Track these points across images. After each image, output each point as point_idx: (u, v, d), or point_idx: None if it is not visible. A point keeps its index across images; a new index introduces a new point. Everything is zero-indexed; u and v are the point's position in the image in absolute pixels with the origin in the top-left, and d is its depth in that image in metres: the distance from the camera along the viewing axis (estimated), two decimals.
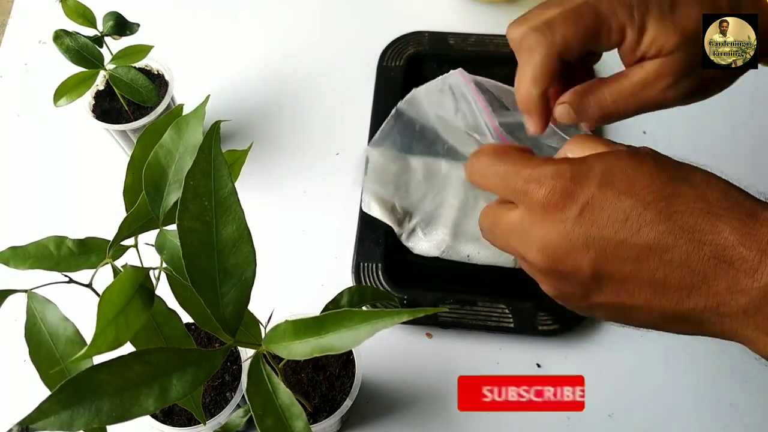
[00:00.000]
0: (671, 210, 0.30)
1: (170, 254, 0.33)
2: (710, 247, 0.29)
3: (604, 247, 0.30)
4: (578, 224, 0.31)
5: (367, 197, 0.63)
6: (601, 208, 0.31)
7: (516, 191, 0.33)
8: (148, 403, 0.27)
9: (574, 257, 0.31)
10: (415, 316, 0.27)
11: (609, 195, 0.31)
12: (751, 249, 0.28)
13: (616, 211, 0.30)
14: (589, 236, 0.31)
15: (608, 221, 0.30)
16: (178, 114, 0.34)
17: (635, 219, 0.30)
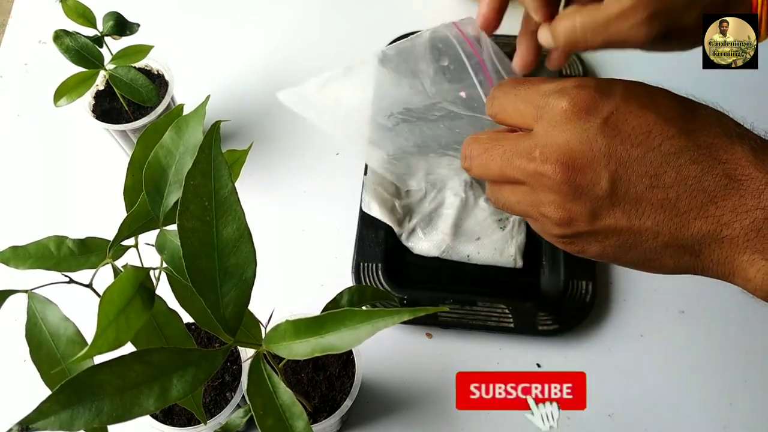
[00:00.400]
0: (691, 127, 0.30)
1: (171, 254, 0.33)
2: (724, 165, 0.29)
3: (626, 159, 0.30)
4: (601, 134, 0.30)
5: (367, 197, 0.63)
6: (625, 120, 0.30)
7: (537, 106, 0.32)
8: (149, 403, 0.27)
9: (594, 167, 0.30)
10: (415, 315, 0.27)
11: (633, 107, 0.30)
12: (760, 170, 0.29)
13: (640, 124, 0.30)
14: (611, 147, 0.30)
15: (632, 133, 0.30)
16: (179, 114, 0.34)
17: (657, 133, 0.30)
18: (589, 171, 0.30)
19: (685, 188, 0.29)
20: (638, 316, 0.62)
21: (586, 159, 0.30)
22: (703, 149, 0.30)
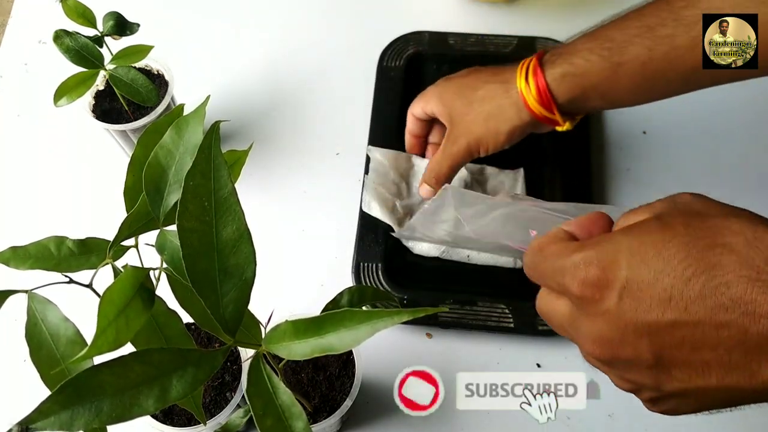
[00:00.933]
0: (715, 283, 0.27)
1: (171, 255, 0.33)
2: (767, 318, 0.26)
3: (657, 330, 0.28)
4: (622, 311, 0.29)
5: (368, 196, 0.63)
6: (639, 291, 0.28)
7: (559, 286, 0.32)
8: (149, 404, 0.27)
9: (631, 343, 0.29)
10: (415, 315, 0.27)
11: (644, 275, 0.28)
12: None
13: (657, 291, 0.28)
14: (637, 322, 0.28)
15: (652, 303, 0.28)
16: (179, 114, 0.34)
17: (679, 297, 0.27)
18: (627, 347, 0.29)
19: (727, 347, 0.27)
20: None
21: (618, 339, 0.29)
22: (737, 305, 0.26)
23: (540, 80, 0.54)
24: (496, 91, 0.57)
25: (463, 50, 0.74)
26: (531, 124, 0.56)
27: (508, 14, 0.81)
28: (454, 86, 0.60)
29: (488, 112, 0.57)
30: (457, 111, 0.58)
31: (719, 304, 0.27)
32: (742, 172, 0.70)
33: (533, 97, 0.54)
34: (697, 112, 0.74)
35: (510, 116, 0.56)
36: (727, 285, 0.26)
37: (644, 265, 0.28)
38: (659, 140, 0.72)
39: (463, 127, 0.58)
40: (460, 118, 0.58)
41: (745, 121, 0.73)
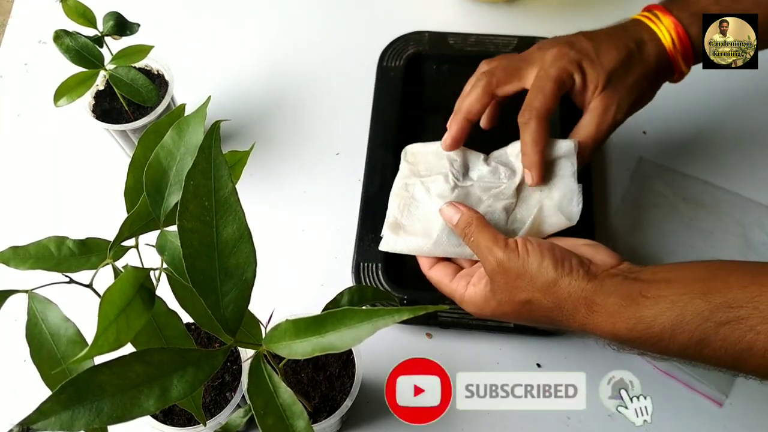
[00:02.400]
0: (534, 321, 0.50)
1: (171, 255, 0.33)
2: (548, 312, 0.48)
3: (510, 313, 0.50)
4: (492, 310, 0.51)
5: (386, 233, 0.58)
6: (503, 318, 0.52)
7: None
8: (149, 404, 0.27)
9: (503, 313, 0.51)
10: (415, 314, 0.27)
11: (505, 317, 0.51)
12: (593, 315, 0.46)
13: (511, 318, 0.51)
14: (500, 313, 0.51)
15: (510, 319, 0.52)
16: (180, 114, 0.34)
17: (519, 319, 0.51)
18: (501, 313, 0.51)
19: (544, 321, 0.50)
20: None
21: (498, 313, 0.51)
22: (548, 323, 0.49)
23: (669, 16, 0.56)
24: (620, 27, 0.58)
25: (463, 50, 0.74)
26: (662, 57, 0.57)
27: (508, 14, 0.81)
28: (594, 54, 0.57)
29: (610, 32, 0.57)
30: (616, 73, 0.56)
31: (523, 310, 0.49)
32: (742, 173, 0.70)
33: (668, 28, 0.56)
34: (697, 113, 0.74)
35: (641, 36, 0.56)
36: (535, 308, 0.49)
37: (504, 318, 0.51)
38: (659, 140, 0.72)
39: (581, 44, 0.56)
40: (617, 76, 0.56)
41: (745, 121, 0.73)
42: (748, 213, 0.68)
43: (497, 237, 0.50)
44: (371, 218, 0.64)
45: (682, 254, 0.66)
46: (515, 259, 0.48)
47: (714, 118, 0.73)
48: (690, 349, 0.44)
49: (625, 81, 0.56)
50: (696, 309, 0.44)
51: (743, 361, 0.43)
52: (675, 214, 0.68)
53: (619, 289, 0.46)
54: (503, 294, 0.49)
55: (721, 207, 0.68)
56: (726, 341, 0.43)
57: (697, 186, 0.70)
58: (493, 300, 0.50)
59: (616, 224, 0.68)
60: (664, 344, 0.45)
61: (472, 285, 0.52)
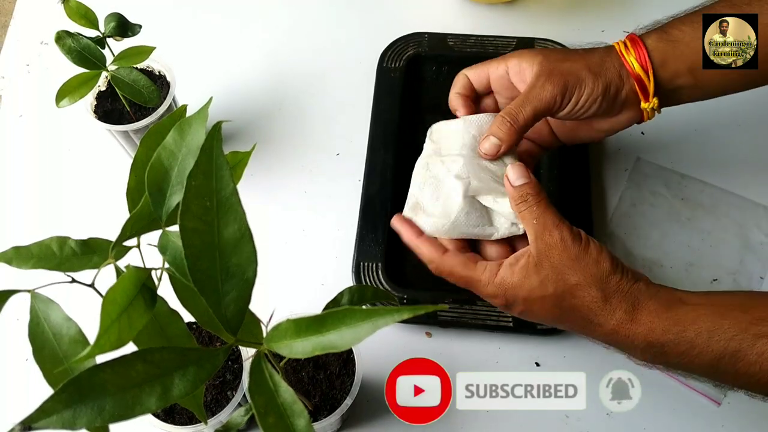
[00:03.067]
0: (563, 317, 0.49)
1: (173, 255, 0.34)
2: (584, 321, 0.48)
3: (549, 297, 0.49)
4: (516, 313, 0.52)
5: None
6: (530, 312, 0.50)
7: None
8: (150, 402, 0.27)
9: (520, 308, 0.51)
10: (415, 313, 0.27)
11: (534, 309, 0.50)
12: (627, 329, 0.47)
13: (539, 312, 0.50)
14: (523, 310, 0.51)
15: (530, 316, 0.51)
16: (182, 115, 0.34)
17: (550, 318, 0.50)
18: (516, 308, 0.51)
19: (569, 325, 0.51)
20: None
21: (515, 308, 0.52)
22: (575, 322, 0.49)
23: (639, 44, 0.54)
24: (596, 52, 0.55)
25: (462, 51, 0.75)
26: (625, 89, 0.54)
27: (508, 15, 0.81)
28: (540, 50, 0.56)
29: (590, 62, 0.54)
30: (551, 58, 0.54)
31: (564, 317, 0.49)
32: (740, 173, 0.70)
33: (633, 56, 0.53)
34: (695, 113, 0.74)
35: (611, 70, 0.53)
36: (570, 311, 0.48)
37: (531, 306, 0.49)
38: (658, 140, 0.72)
39: (560, 67, 0.53)
40: (557, 62, 0.53)
41: (744, 122, 0.73)
42: (746, 213, 0.68)
43: (562, 219, 0.49)
44: (371, 218, 0.64)
45: (681, 254, 0.66)
46: (578, 242, 0.47)
47: (712, 118, 0.73)
48: (723, 361, 0.43)
49: (561, 66, 0.53)
50: (735, 318, 0.43)
51: None
52: (673, 215, 0.68)
53: (661, 293, 0.47)
54: (552, 272, 0.47)
55: (719, 207, 0.69)
56: (762, 356, 0.42)
57: (696, 186, 0.70)
58: (535, 276, 0.48)
59: (614, 224, 0.68)
60: (697, 351, 0.44)
61: (509, 264, 0.49)
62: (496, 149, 0.52)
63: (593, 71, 0.53)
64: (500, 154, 0.53)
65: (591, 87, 0.53)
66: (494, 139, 0.52)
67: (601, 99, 0.53)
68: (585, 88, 0.53)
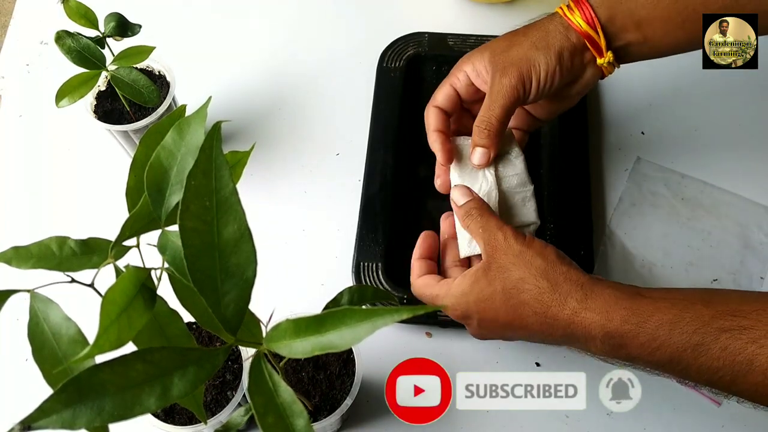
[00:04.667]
0: (517, 324, 0.49)
1: (172, 254, 0.34)
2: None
3: (498, 293, 0.49)
4: (476, 323, 0.51)
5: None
6: (483, 320, 0.50)
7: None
8: (150, 402, 0.27)
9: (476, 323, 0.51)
10: (414, 313, 0.27)
11: (485, 315, 0.50)
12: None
13: (490, 319, 0.50)
14: (483, 322, 0.51)
15: (490, 323, 0.50)
16: (181, 115, 0.34)
17: (498, 330, 0.51)
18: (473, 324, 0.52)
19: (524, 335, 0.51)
20: None
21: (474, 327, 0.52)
22: (532, 320, 0.48)
23: (583, 2, 0.54)
24: (538, 24, 0.56)
25: (462, 51, 0.74)
26: (579, 49, 0.54)
27: (508, 15, 0.81)
28: (486, 46, 0.57)
29: (534, 39, 0.54)
30: (498, 51, 0.55)
31: (517, 326, 0.49)
32: (740, 173, 0.70)
33: (578, 15, 0.53)
34: (695, 113, 0.74)
35: (558, 37, 0.54)
36: (522, 320, 0.48)
37: (484, 313, 0.49)
38: (658, 140, 0.72)
39: (508, 57, 0.54)
40: (504, 54, 0.54)
41: (744, 122, 0.73)
42: (746, 213, 0.68)
43: (504, 223, 0.50)
44: (371, 218, 0.64)
45: (681, 254, 0.66)
46: (521, 240, 0.48)
47: (712, 118, 0.73)
48: (686, 354, 0.42)
49: (509, 55, 0.54)
50: (696, 312, 0.42)
51: (741, 376, 0.41)
52: (673, 215, 0.68)
53: (618, 285, 0.46)
54: (498, 271, 0.48)
55: (719, 207, 0.69)
56: (725, 351, 0.41)
57: (696, 186, 0.70)
58: (484, 279, 0.49)
59: (614, 225, 0.68)
60: (657, 344, 0.43)
61: (462, 276, 0.51)
62: (486, 157, 0.54)
63: (540, 47, 0.54)
64: (492, 158, 0.55)
65: (545, 63, 0.53)
66: (480, 149, 0.54)
67: (559, 70, 0.54)
68: (540, 67, 0.53)
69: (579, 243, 0.64)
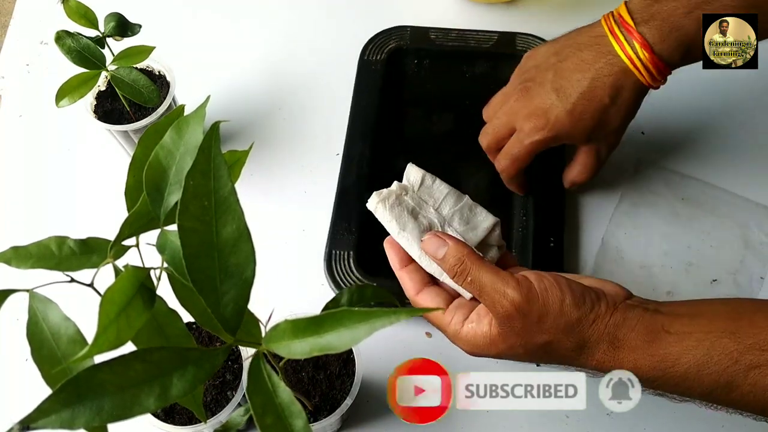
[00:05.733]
0: (542, 361, 0.48)
1: (171, 254, 0.34)
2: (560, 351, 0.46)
3: (522, 355, 0.47)
4: (497, 353, 0.47)
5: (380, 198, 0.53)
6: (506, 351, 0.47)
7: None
8: (149, 402, 0.27)
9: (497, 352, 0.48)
10: (413, 315, 0.27)
11: (509, 356, 0.47)
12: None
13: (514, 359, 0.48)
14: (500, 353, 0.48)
15: (523, 352, 0.47)
16: (179, 114, 0.34)
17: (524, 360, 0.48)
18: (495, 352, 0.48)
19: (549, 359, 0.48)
20: None
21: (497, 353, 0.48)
22: (557, 362, 0.48)
23: (636, 35, 0.53)
24: (592, 65, 0.56)
25: (443, 45, 0.75)
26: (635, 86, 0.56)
27: (507, 14, 0.81)
28: None
29: (583, 81, 0.56)
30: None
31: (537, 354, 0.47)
32: (740, 173, 0.70)
33: (643, 60, 0.54)
34: (695, 113, 0.74)
35: (617, 81, 0.55)
36: (554, 353, 0.46)
37: (505, 358, 0.48)
38: (658, 141, 0.72)
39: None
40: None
41: (744, 122, 0.73)
42: (746, 213, 0.68)
43: (502, 274, 0.44)
44: (346, 208, 0.65)
45: (681, 254, 0.66)
46: (535, 300, 0.43)
47: (713, 118, 0.73)
48: (716, 392, 0.42)
49: (604, 132, 0.58)
50: (724, 349, 0.41)
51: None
52: (673, 215, 0.68)
53: (642, 323, 0.43)
54: (518, 338, 0.45)
55: (719, 207, 0.69)
56: (756, 386, 0.40)
57: (696, 186, 0.70)
58: (502, 344, 0.45)
59: (615, 224, 0.68)
60: (687, 384, 0.42)
61: (472, 322, 0.47)
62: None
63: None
64: None
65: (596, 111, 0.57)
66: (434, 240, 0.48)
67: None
68: (621, 131, 0.60)
69: (550, 234, 0.64)
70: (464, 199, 0.53)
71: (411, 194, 0.53)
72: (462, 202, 0.53)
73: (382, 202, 0.51)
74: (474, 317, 0.47)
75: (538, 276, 0.44)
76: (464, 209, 0.53)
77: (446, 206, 0.53)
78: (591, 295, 0.44)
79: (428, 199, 0.53)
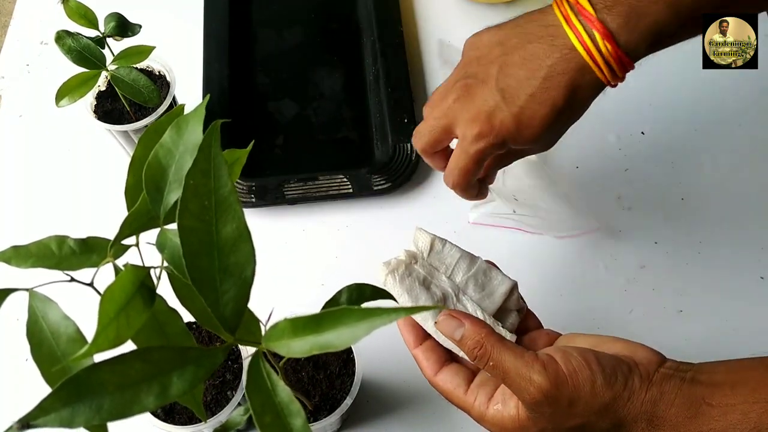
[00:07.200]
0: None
1: (171, 253, 0.33)
2: None
3: None
4: None
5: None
6: None
7: None
8: (149, 401, 0.27)
9: None
10: (412, 314, 0.27)
11: None
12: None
13: None
14: None
15: None
16: (179, 114, 0.34)
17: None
18: None
19: None
20: None
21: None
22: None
23: (596, 24, 0.44)
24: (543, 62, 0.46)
25: None
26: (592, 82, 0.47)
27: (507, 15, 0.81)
28: None
29: (533, 78, 0.46)
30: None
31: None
32: (741, 173, 0.70)
33: (597, 37, 0.44)
34: (696, 113, 0.74)
35: (572, 80, 0.46)
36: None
37: None
38: (659, 140, 0.72)
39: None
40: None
41: (745, 121, 0.73)
42: (746, 213, 0.68)
43: (526, 356, 0.41)
44: (217, 72, 0.74)
45: (682, 255, 0.66)
46: (564, 384, 0.40)
47: (713, 118, 0.73)
48: None
49: (553, 137, 0.50)
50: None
51: None
52: (674, 215, 0.68)
53: (680, 396, 0.40)
54: (549, 422, 0.41)
55: (719, 207, 0.69)
56: None
57: (696, 186, 0.70)
58: (533, 427, 0.42)
59: (615, 225, 0.68)
60: None
61: (497, 404, 0.43)
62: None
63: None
64: None
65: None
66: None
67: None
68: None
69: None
70: (477, 262, 0.50)
71: (421, 262, 0.49)
72: (475, 267, 0.50)
73: (392, 273, 0.48)
74: (499, 397, 0.44)
75: (564, 355, 0.41)
76: (478, 274, 0.49)
77: (459, 272, 0.49)
78: (623, 369, 0.41)
79: (440, 266, 0.50)
